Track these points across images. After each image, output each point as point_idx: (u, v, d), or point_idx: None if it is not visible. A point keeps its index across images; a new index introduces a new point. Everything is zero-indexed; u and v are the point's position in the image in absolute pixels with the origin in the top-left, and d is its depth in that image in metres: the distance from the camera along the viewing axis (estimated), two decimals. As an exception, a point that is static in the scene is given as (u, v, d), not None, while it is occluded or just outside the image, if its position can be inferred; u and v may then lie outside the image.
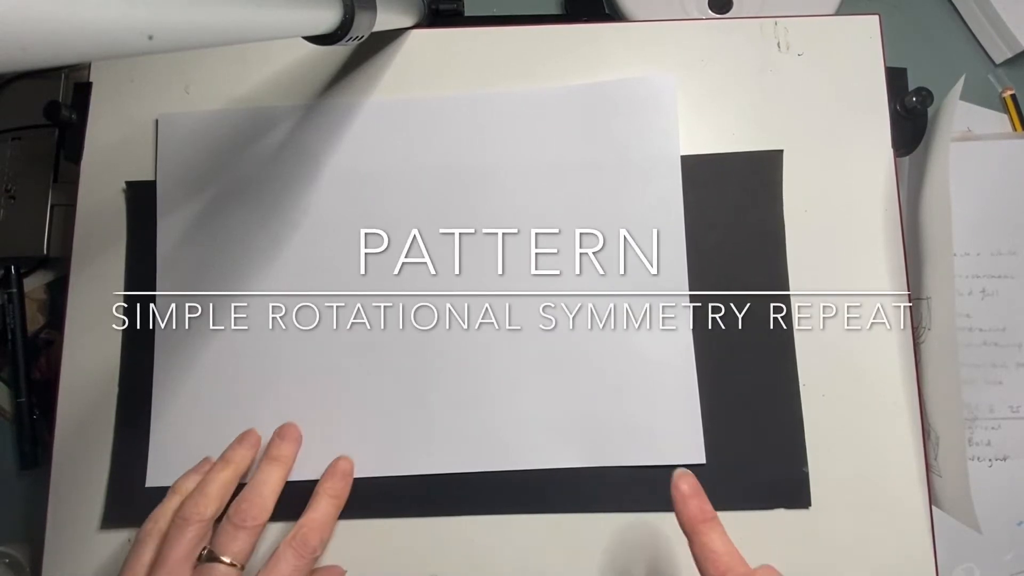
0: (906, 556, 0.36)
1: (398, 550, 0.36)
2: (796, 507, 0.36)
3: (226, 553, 0.31)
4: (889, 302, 0.38)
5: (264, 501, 0.33)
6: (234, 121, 0.40)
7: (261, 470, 0.34)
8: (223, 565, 0.30)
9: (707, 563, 0.28)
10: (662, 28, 0.41)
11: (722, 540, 0.28)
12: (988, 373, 0.44)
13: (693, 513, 0.29)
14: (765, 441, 0.37)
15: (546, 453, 0.36)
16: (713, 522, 0.29)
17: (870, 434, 0.37)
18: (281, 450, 0.35)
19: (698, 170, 0.38)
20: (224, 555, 0.31)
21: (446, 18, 0.45)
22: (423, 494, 0.37)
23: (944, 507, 0.36)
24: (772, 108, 0.40)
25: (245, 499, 0.33)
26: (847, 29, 0.40)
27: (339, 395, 0.38)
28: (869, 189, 0.39)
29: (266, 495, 0.33)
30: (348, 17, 0.29)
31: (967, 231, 0.45)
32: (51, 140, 0.46)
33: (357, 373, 0.38)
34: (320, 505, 0.34)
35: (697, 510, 0.29)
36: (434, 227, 0.38)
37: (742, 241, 0.38)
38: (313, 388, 0.38)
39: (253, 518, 0.32)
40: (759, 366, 0.37)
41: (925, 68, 0.41)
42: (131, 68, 0.42)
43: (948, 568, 0.42)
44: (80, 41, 0.16)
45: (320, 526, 0.33)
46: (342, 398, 0.37)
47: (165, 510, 0.33)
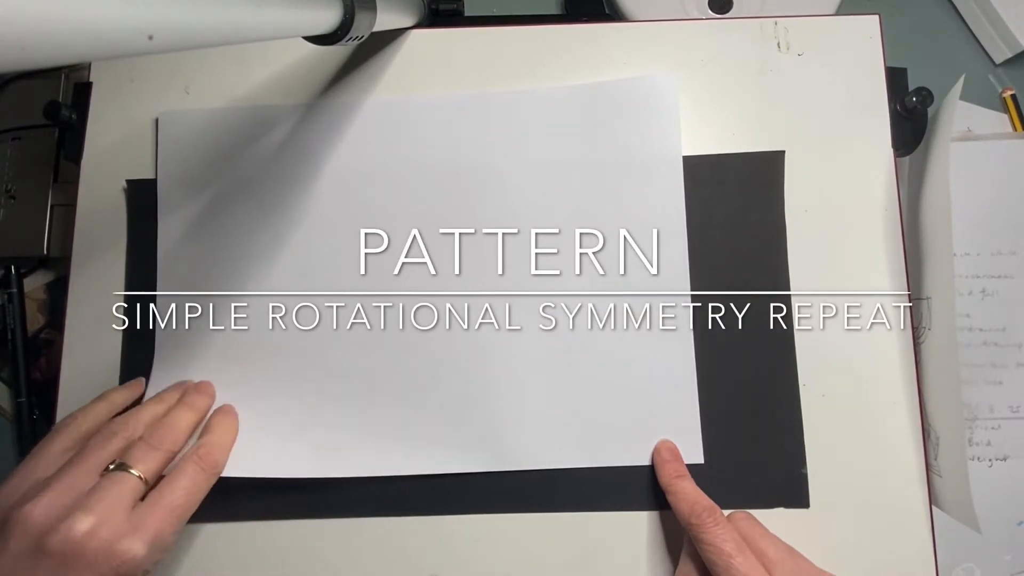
0: (906, 556, 0.36)
1: (398, 549, 0.36)
2: (795, 507, 0.36)
3: (137, 466, 0.31)
4: (889, 302, 0.38)
5: (178, 433, 0.34)
6: (235, 120, 0.40)
7: (177, 412, 0.35)
8: (132, 475, 0.31)
9: (679, 502, 0.33)
10: (662, 28, 0.41)
11: (692, 487, 0.34)
12: (988, 373, 0.44)
13: (670, 471, 0.35)
14: (764, 441, 0.37)
15: (546, 453, 0.36)
16: (686, 477, 0.35)
17: (870, 434, 0.37)
18: (196, 401, 0.36)
19: (700, 171, 0.38)
20: (134, 468, 0.31)
21: (446, 18, 0.45)
22: (423, 494, 0.37)
23: (944, 507, 0.36)
24: (772, 108, 0.40)
25: (163, 425, 0.34)
26: (847, 29, 0.40)
27: (339, 394, 0.38)
28: (869, 189, 0.39)
29: (181, 428, 0.34)
30: (348, 17, 0.29)
31: (967, 231, 0.45)
32: (51, 140, 0.46)
33: (357, 373, 0.38)
34: (218, 428, 0.35)
35: (673, 470, 0.35)
36: (434, 227, 0.38)
37: (743, 241, 0.38)
38: (313, 388, 0.38)
39: (170, 442, 0.33)
40: (759, 366, 0.37)
41: (925, 68, 0.41)
42: (131, 68, 0.42)
43: (948, 568, 0.42)
44: (80, 41, 0.16)
45: (224, 447, 0.35)
46: (342, 397, 0.37)
47: (90, 413, 0.35)
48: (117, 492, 0.30)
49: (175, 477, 0.32)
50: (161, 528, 0.30)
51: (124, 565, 0.29)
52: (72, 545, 0.28)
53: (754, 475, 0.36)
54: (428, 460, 0.37)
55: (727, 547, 0.30)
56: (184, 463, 0.32)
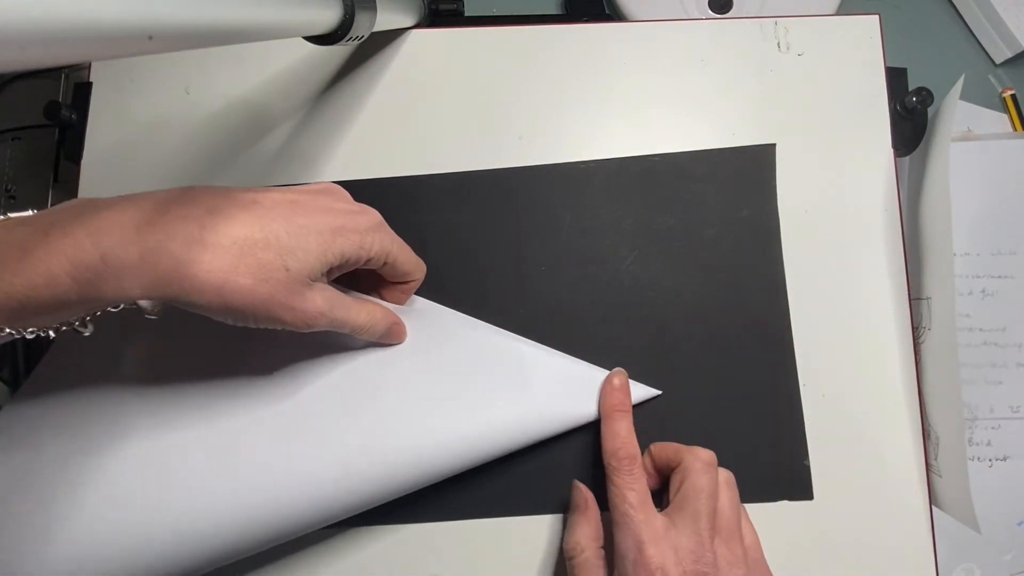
0: (906, 556, 0.36)
1: (398, 549, 0.36)
2: (800, 499, 0.36)
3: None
4: (889, 302, 0.38)
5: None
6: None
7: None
8: None
9: (607, 440, 0.33)
10: (662, 28, 0.41)
11: (627, 427, 0.33)
12: (988, 373, 0.44)
13: (613, 402, 0.34)
14: (766, 438, 0.37)
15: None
16: (626, 414, 0.34)
17: (870, 434, 0.37)
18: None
19: (693, 165, 0.39)
20: None
21: (446, 18, 0.45)
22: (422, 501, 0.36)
23: (944, 507, 0.36)
24: (772, 108, 0.40)
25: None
26: (847, 29, 0.40)
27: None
28: (869, 189, 0.39)
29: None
30: (348, 17, 0.29)
31: (967, 231, 0.45)
32: (51, 140, 0.46)
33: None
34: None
35: (618, 401, 0.34)
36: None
37: (737, 236, 0.38)
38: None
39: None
40: (759, 365, 0.37)
41: (925, 68, 0.41)
42: (131, 68, 0.42)
43: (948, 568, 0.42)
44: (80, 41, 0.16)
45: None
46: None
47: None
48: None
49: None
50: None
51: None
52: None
53: (758, 469, 0.36)
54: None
55: (631, 496, 0.31)
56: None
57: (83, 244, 0.24)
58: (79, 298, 0.24)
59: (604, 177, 0.39)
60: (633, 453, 0.32)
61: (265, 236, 0.26)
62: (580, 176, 0.39)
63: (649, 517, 0.30)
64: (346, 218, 0.30)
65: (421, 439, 0.32)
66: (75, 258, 0.24)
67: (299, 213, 0.28)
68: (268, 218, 0.27)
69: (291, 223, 0.27)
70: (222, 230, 0.26)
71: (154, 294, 0.25)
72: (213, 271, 0.25)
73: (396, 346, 0.34)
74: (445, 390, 0.33)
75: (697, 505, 0.30)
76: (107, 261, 0.24)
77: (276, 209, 0.28)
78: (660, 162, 0.39)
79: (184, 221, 0.25)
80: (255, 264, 0.26)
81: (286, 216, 0.27)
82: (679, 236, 0.39)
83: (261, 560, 0.36)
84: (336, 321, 0.29)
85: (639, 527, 0.30)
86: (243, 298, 0.26)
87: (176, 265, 0.25)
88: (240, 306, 0.26)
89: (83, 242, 0.24)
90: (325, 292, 0.29)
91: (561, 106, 0.40)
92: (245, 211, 0.27)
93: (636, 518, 0.30)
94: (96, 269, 0.24)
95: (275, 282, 0.26)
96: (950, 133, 0.37)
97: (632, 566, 0.29)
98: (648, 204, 0.39)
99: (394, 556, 0.36)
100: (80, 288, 0.24)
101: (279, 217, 0.27)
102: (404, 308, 0.36)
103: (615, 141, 0.40)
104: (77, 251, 0.24)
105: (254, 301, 0.26)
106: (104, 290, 0.24)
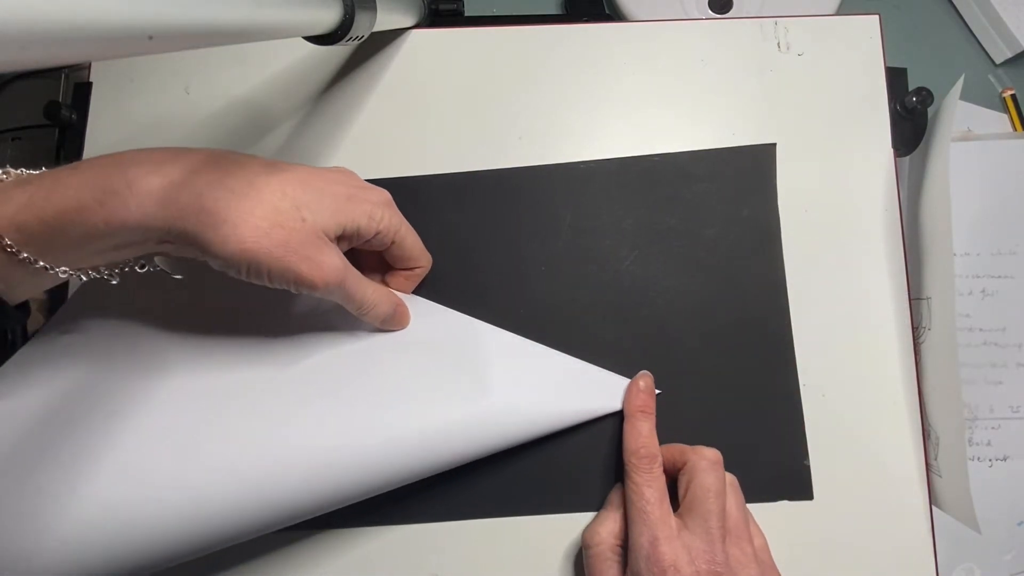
0: (906, 556, 0.36)
1: (398, 549, 0.36)
2: (800, 499, 0.36)
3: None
4: (889, 302, 0.38)
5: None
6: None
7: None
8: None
9: (630, 437, 0.33)
10: (662, 28, 0.41)
11: (649, 428, 0.34)
12: (988, 373, 0.44)
13: (638, 404, 0.34)
14: (766, 437, 0.37)
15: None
16: (650, 415, 0.34)
17: (870, 434, 0.37)
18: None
19: (693, 165, 0.39)
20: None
21: (446, 18, 0.45)
22: (420, 502, 0.36)
23: (944, 507, 0.36)
24: (772, 108, 0.40)
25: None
26: (847, 29, 0.40)
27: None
28: (869, 189, 0.39)
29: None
30: (348, 17, 0.29)
31: (967, 231, 0.45)
32: (51, 140, 0.46)
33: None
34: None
35: (643, 403, 0.35)
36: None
37: (738, 235, 0.38)
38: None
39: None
40: (759, 365, 0.37)
41: (925, 68, 0.41)
42: (131, 68, 0.42)
43: (948, 568, 0.42)
44: (80, 41, 0.16)
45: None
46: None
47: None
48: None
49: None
50: None
51: None
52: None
53: (758, 469, 0.36)
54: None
55: (648, 494, 0.31)
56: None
57: (111, 172, 0.25)
58: (106, 225, 0.25)
59: (604, 177, 0.39)
60: (654, 452, 0.33)
61: (283, 189, 0.28)
62: (580, 176, 0.39)
63: (665, 515, 0.31)
64: (358, 190, 0.31)
65: (421, 426, 0.32)
66: (105, 184, 0.25)
67: (315, 179, 0.29)
68: (285, 178, 0.28)
69: (308, 185, 0.29)
70: (243, 176, 0.27)
71: (174, 227, 0.26)
72: (231, 209, 0.26)
73: (398, 333, 0.35)
74: (447, 380, 0.33)
75: (707, 505, 0.31)
76: (132, 188, 0.25)
77: (293, 172, 0.29)
78: (660, 162, 0.39)
79: (208, 165, 0.27)
80: (271, 210, 0.27)
81: (302, 179, 0.29)
82: (679, 236, 0.39)
83: (261, 559, 0.36)
84: (348, 290, 0.30)
85: (655, 524, 0.30)
86: (257, 241, 0.26)
87: (197, 199, 0.26)
88: (254, 249, 0.26)
89: (111, 170, 0.25)
90: (340, 255, 0.30)
91: (561, 106, 0.40)
92: (265, 169, 0.28)
93: (653, 514, 0.30)
94: (123, 195, 0.25)
95: (290, 229, 0.27)
96: (950, 133, 0.37)
97: (645, 562, 0.29)
98: (648, 204, 0.39)
99: (394, 556, 0.36)
100: (107, 214, 0.25)
101: (295, 179, 0.29)
102: (407, 301, 0.36)
103: (615, 141, 0.40)
104: (106, 178, 0.25)
105: (270, 246, 0.27)
106: (129, 217, 0.25)
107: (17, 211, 0.24)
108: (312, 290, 0.29)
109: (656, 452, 0.33)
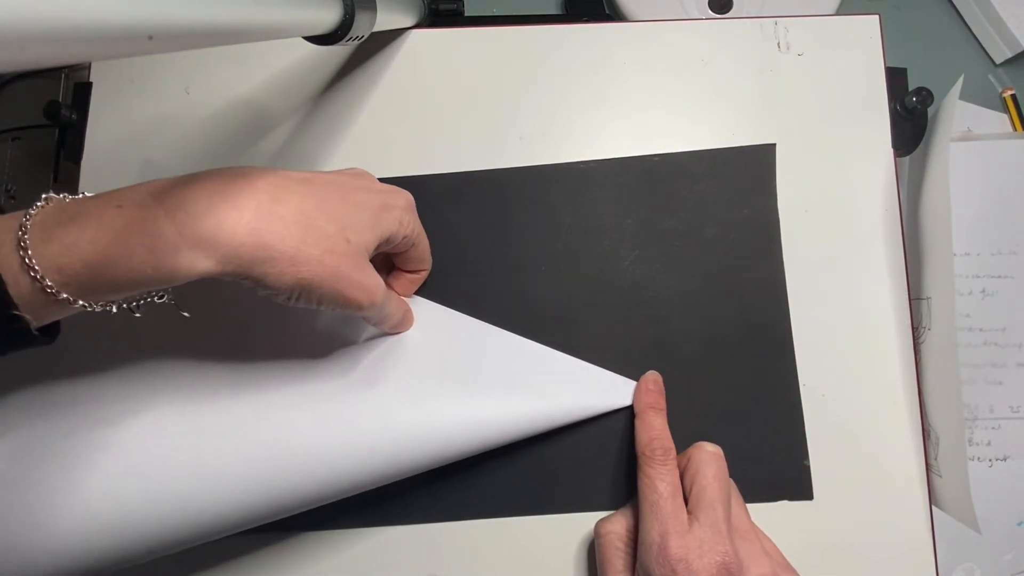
0: (906, 556, 0.36)
1: (398, 549, 0.36)
2: (800, 499, 0.36)
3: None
4: (889, 302, 0.38)
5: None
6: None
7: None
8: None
9: (642, 431, 0.34)
10: (662, 28, 0.41)
11: (661, 423, 0.34)
12: (988, 373, 0.44)
13: (649, 401, 0.35)
14: (766, 437, 0.37)
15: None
16: (661, 411, 0.35)
17: (870, 434, 0.37)
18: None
19: (693, 165, 0.39)
20: None
21: (446, 18, 0.45)
22: (420, 502, 0.36)
23: (944, 507, 0.36)
24: (772, 108, 0.40)
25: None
26: (847, 29, 0.40)
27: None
28: (869, 189, 0.39)
29: None
30: (348, 17, 0.29)
31: (967, 231, 0.45)
32: (51, 140, 0.46)
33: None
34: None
35: (653, 400, 0.35)
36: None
37: (737, 235, 0.38)
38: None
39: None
40: (759, 365, 0.37)
41: (925, 68, 0.41)
42: (131, 68, 0.42)
43: (948, 568, 0.42)
44: (80, 41, 0.16)
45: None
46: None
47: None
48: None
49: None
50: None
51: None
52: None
53: (758, 469, 0.36)
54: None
55: (661, 487, 0.31)
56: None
57: (157, 214, 0.24)
58: (154, 271, 0.24)
59: (604, 177, 0.39)
60: (668, 446, 0.33)
61: (326, 211, 0.27)
62: (580, 176, 0.39)
63: (677, 510, 0.30)
64: (387, 196, 0.31)
65: (421, 421, 0.32)
66: (152, 229, 0.24)
67: (349, 191, 0.29)
68: (323, 194, 0.28)
69: (346, 199, 0.28)
70: (289, 202, 0.26)
71: (229, 267, 0.25)
72: (286, 239, 0.26)
73: (402, 335, 0.35)
74: (447, 379, 0.34)
75: (712, 495, 0.31)
76: (183, 233, 0.24)
77: (330, 187, 0.28)
78: (660, 162, 0.39)
79: (254, 192, 0.26)
80: (320, 236, 0.27)
81: (340, 194, 0.28)
82: (679, 236, 0.39)
83: (261, 559, 0.36)
84: (383, 307, 0.30)
85: (667, 518, 0.30)
86: (312, 269, 0.26)
87: (251, 236, 0.25)
88: (310, 278, 0.26)
89: (157, 211, 0.24)
90: (376, 273, 0.30)
91: (561, 106, 0.40)
92: (304, 186, 0.27)
93: (665, 508, 0.30)
94: (173, 241, 0.24)
95: (339, 254, 0.27)
96: (950, 133, 0.37)
97: (655, 556, 0.29)
98: (648, 204, 0.39)
99: (394, 556, 0.36)
100: (156, 261, 0.24)
101: (334, 194, 0.28)
102: (408, 302, 0.36)
103: (615, 141, 0.40)
104: (153, 222, 0.24)
105: (323, 273, 0.26)
106: (179, 264, 0.24)
107: (60, 253, 0.23)
108: (356, 311, 0.29)
109: (670, 445, 0.33)
